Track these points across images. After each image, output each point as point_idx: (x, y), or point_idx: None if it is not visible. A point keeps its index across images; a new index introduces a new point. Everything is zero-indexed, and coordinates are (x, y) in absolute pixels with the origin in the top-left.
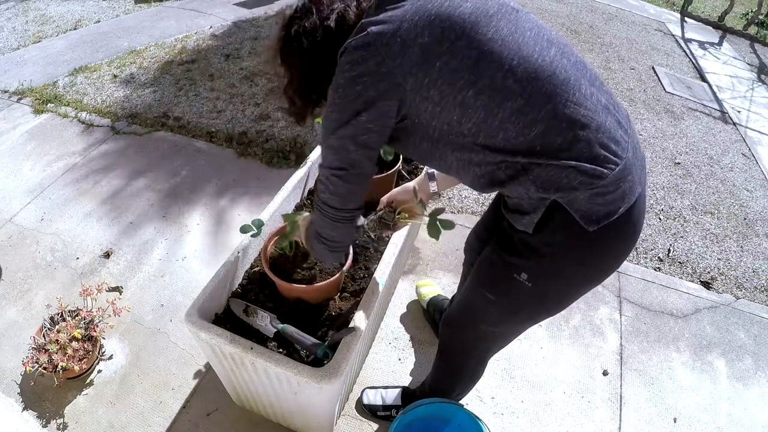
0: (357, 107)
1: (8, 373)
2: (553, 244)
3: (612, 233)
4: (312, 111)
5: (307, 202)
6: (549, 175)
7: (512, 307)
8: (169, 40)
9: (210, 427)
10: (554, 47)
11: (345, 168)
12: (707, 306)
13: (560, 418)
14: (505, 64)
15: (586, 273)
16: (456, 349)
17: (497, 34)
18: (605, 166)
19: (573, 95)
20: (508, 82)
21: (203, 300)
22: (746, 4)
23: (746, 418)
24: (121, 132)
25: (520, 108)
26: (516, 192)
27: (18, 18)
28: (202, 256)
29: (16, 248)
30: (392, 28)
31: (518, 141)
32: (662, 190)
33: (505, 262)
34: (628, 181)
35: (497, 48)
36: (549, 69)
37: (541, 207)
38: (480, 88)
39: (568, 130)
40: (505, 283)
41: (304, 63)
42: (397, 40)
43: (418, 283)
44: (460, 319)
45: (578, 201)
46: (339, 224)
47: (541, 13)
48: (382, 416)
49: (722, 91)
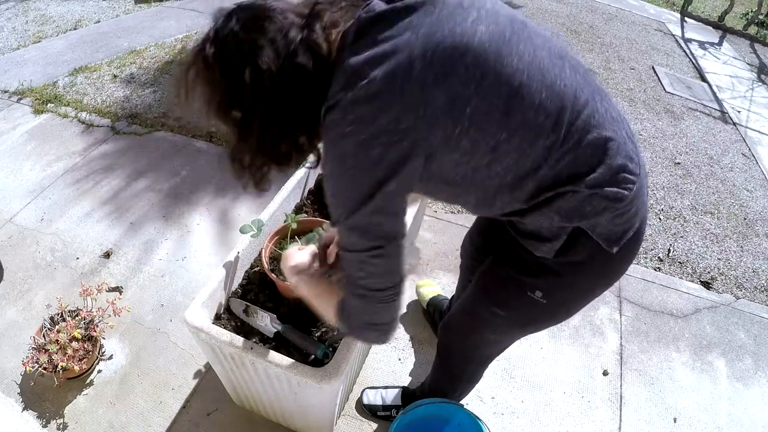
0: (380, 176)
1: (8, 373)
2: (573, 263)
3: (626, 247)
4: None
5: (306, 202)
6: (573, 205)
7: (522, 320)
8: (169, 40)
9: (210, 427)
10: (566, 62)
11: (381, 245)
12: (707, 306)
13: (560, 418)
14: (536, 99)
15: (600, 284)
16: (455, 353)
17: (521, 63)
18: (625, 187)
19: (594, 117)
20: (539, 119)
21: (203, 300)
22: (746, 4)
23: (746, 418)
24: (121, 132)
25: (552, 144)
26: (536, 222)
27: (18, 18)
28: (202, 256)
29: (16, 248)
30: (403, 68)
31: (546, 176)
32: (662, 190)
33: (516, 280)
34: (642, 196)
35: (526, 81)
36: (571, 94)
37: (562, 234)
38: (513, 129)
39: (593, 157)
40: (517, 301)
41: (266, 115)
42: (414, 86)
43: (418, 283)
44: (463, 327)
45: (600, 225)
46: (391, 304)
47: (542, 13)
48: (382, 416)
49: (722, 91)
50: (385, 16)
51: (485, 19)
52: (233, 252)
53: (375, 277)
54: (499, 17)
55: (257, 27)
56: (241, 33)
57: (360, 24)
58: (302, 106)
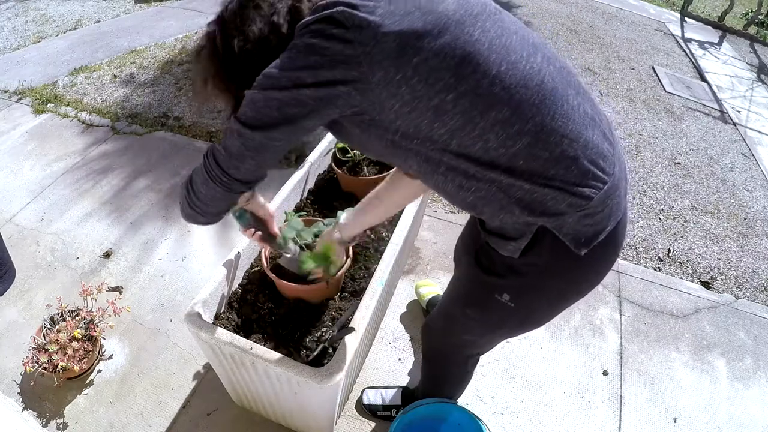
0: (303, 78)
1: (8, 373)
2: (538, 265)
3: (599, 251)
4: None
5: (306, 202)
6: (533, 197)
7: (494, 324)
8: (169, 40)
9: (210, 427)
10: (540, 52)
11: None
12: (707, 306)
13: (560, 418)
14: (493, 68)
15: (570, 290)
16: (436, 354)
17: (484, 36)
18: (593, 185)
19: (561, 107)
20: (494, 89)
21: (203, 300)
22: (746, 4)
23: (746, 418)
24: (121, 132)
25: (506, 118)
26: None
27: (18, 18)
28: (202, 256)
29: (16, 248)
30: (366, 10)
31: (498, 153)
32: (662, 190)
33: (485, 282)
34: (616, 197)
35: (484, 50)
36: (537, 77)
37: (527, 233)
38: (461, 92)
39: (555, 146)
40: (486, 303)
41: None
42: (370, 24)
43: (418, 283)
44: (442, 329)
45: (567, 225)
46: (211, 183)
47: (542, 13)
48: (382, 416)
49: (722, 90)
50: None
51: None
52: (233, 251)
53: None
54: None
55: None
56: (238, 9)
57: None
58: None
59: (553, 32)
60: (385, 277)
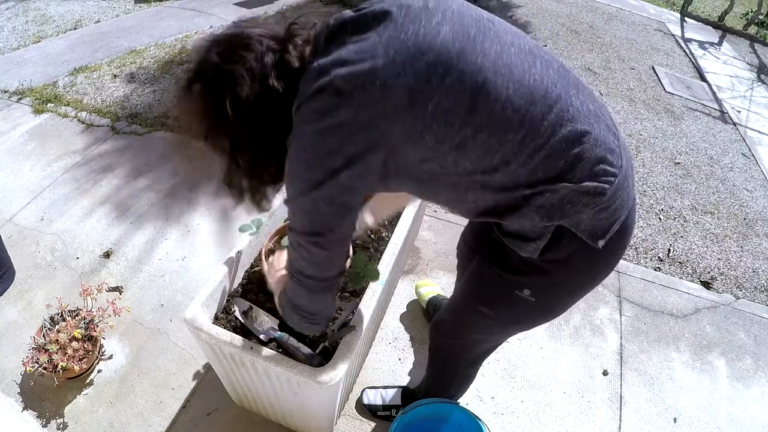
0: (333, 165)
1: (8, 373)
2: (558, 261)
3: (614, 241)
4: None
5: None
6: (552, 202)
7: (512, 320)
8: (169, 40)
9: (210, 427)
10: (537, 59)
11: (321, 233)
12: (707, 306)
13: (560, 418)
14: (502, 94)
15: (588, 281)
16: (445, 354)
17: (486, 60)
18: (605, 181)
19: (568, 111)
20: (507, 113)
21: (203, 300)
22: (746, 4)
23: (746, 418)
24: (121, 132)
25: (522, 140)
26: (518, 224)
27: (18, 18)
28: (202, 256)
29: (16, 248)
30: (366, 67)
31: (519, 172)
32: (662, 190)
33: (504, 279)
34: (625, 188)
35: (491, 77)
36: (541, 88)
37: (546, 234)
38: (479, 124)
39: (568, 151)
40: (506, 300)
41: (251, 140)
42: (375, 82)
43: (418, 283)
44: (452, 328)
45: (583, 222)
46: (318, 295)
47: (541, 13)
48: (382, 416)
49: (722, 90)
50: (352, 21)
51: (450, 20)
52: (233, 251)
53: (309, 263)
54: (465, 18)
55: (236, 57)
56: (221, 65)
57: (329, 30)
58: (283, 127)
59: (553, 32)
60: (385, 277)
